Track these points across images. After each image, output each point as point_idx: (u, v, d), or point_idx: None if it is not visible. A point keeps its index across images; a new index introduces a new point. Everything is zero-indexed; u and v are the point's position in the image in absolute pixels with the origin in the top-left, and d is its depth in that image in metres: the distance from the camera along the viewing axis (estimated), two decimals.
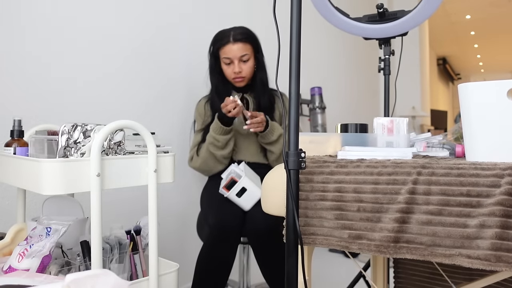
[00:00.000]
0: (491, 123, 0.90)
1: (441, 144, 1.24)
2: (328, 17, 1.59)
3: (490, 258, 0.76)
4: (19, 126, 1.24)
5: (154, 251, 1.15)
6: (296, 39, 0.94)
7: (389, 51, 1.86)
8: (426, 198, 0.84)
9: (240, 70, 1.94)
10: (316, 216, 0.97)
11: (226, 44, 1.92)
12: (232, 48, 1.92)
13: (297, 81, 0.95)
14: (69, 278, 0.69)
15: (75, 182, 0.99)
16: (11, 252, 1.15)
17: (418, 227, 0.84)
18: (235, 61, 1.93)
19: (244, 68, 1.95)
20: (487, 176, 0.80)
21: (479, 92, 0.92)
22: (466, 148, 0.95)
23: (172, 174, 1.20)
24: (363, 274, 1.99)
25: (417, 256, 0.84)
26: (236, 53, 1.92)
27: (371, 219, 0.89)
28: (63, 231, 1.05)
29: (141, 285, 1.13)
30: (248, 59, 1.95)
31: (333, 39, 4.03)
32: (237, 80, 1.98)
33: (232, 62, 1.95)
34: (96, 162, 1.00)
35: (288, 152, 0.94)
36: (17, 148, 1.17)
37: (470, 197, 0.80)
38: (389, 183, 0.89)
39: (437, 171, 0.85)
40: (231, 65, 1.95)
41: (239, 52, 1.92)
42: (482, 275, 1.40)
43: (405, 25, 1.53)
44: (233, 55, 1.92)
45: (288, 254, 0.93)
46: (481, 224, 0.78)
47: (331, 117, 3.70)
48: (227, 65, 1.96)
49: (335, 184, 0.95)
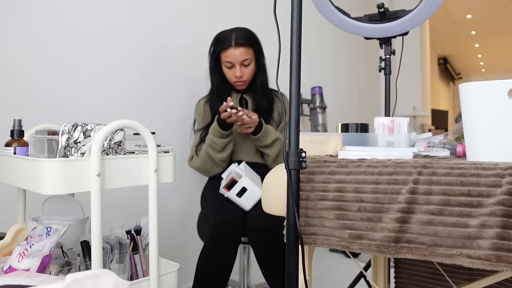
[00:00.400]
0: (492, 123, 0.90)
1: (442, 144, 1.24)
2: (329, 16, 1.59)
3: (491, 258, 0.76)
4: (19, 125, 1.23)
5: (154, 251, 1.15)
6: (296, 38, 0.94)
7: (390, 50, 1.86)
8: (427, 198, 0.84)
9: (241, 74, 1.93)
10: (317, 216, 0.96)
11: (228, 48, 1.90)
12: (234, 53, 1.90)
13: (298, 81, 0.94)
14: (69, 278, 0.69)
15: (75, 182, 0.99)
16: (11, 252, 1.15)
17: (418, 227, 0.84)
18: (236, 66, 1.92)
19: (245, 72, 1.94)
20: (488, 176, 0.80)
21: (480, 92, 0.91)
22: (467, 148, 0.95)
23: (173, 174, 1.20)
24: (363, 274, 1.99)
25: (418, 256, 0.84)
26: (238, 58, 1.90)
27: (372, 219, 0.89)
28: (63, 231, 1.05)
29: (141, 285, 1.13)
30: (249, 63, 1.94)
31: (333, 39, 4.03)
32: (238, 84, 1.97)
33: (233, 66, 1.93)
34: (96, 162, 1.00)
35: (289, 152, 0.93)
36: (17, 148, 1.16)
37: (471, 197, 0.80)
38: (389, 183, 0.88)
39: (438, 171, 0.85)
40: (233, 69, 1.94)
41: (241, 56, 1.90)
42: (483, 275, 1.40)
43: (406, 25, 1.53)
44: (235, 60, 1.90)
45: (289, 254, 0.93)
46: (482, 224, 0.78)
47: (332, 117, 3.70)
48: (228, 68, 1.95)
49: (335, 184, 0.95)
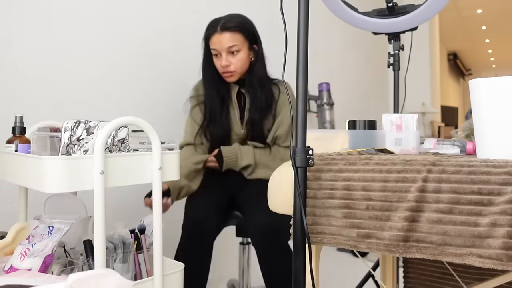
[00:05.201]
0: (503, 120, 0.89)
1: (451, 141, 1.21)
2: (337, 11, 1.57)
3: (502, 258, 0.75)
4: (21, 122, 1.22)
5: (158, 250, 1.13)
6: (303, 34, 0.93)
7: (399, 46, 1.83)
8: (436, 196, 0.83)
9: (227, 63, 1.73)
10: (324, 214, 0.96)
11: (213, 33, 1.72)
12: (219, 39, 1.71)
13: (305, 77, 0.93)
14: (72, 278, 0.68)
15: (78, 180, 0.97)
16: (13, 252, 1.14)
17: (428, 225, 0.83)
18: (222, 53, 1.72)
19: (233, 61, 1.74)
20: (498, 173, 0.79)
21: (490, 88, 0.90)
22: (477, 145, 0.94)
23: (177, 172, 1.18)
24: (372, 274, 1.97)
25: (427, 256, 0.83)
26: (223, 44, 1.71)
27: (380, 217, 0.88)
28: (65, 230, 1.04)
29: (145, 285, 1.11)
30: (238, 50, 1.73)
31: (341, 34, 4.00)
32: (226, 75, 1.77)
33: (219, 54, 1.74)
34: (100, 160, 0.99)
35: (296, 149, 0.92)
36: (19, 145, 1.15)
37: (481, 195, 0.79)
38: (398, 180, 0.87)
39: (447, 169, 0.84)
40: (220, 58, 1.75)
41: (227, 42, 1.70)
42: (493, 275, 1.37)
43: (415, 20, 1.51)
44: (220, 47, 1.72)
45: (296, 253, 0.92)
46: (492, 222, 0.77)
47: (340, 114, 3.68)
48: (216, 57, 1.76)
49: (343, 182, 0.94)
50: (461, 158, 0.92)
